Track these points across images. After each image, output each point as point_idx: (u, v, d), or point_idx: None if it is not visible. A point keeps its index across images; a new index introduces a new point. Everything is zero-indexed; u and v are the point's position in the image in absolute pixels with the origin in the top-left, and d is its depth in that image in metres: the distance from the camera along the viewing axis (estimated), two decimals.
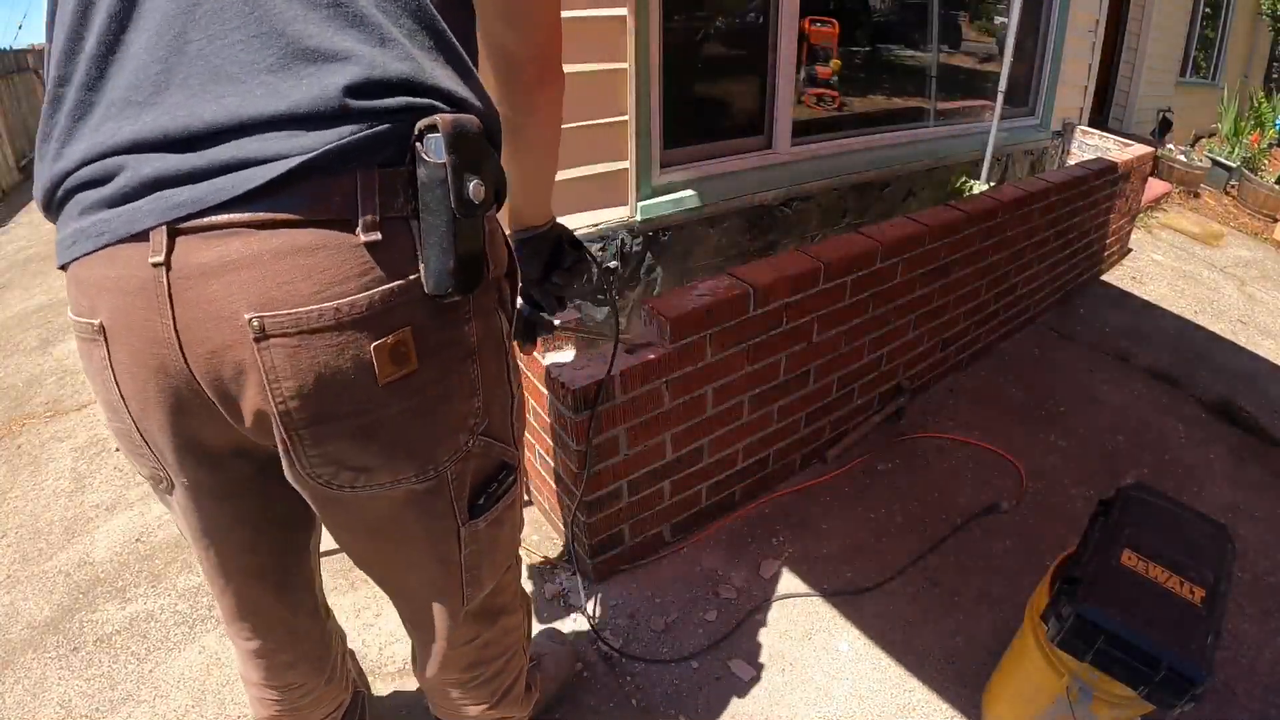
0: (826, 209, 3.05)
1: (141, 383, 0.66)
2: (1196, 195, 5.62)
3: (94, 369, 0.69)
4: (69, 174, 0.63)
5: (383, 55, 0.61)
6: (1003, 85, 3.69)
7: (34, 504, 2.11)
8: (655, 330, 1.58)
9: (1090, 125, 4.70)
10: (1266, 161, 6.51)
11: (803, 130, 2.94)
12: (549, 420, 1.59)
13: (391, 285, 0.63)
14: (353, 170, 0.61)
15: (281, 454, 0.68)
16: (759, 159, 2.71)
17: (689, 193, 2.26)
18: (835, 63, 3.27)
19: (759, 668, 1.54)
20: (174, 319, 0.61)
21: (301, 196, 0.60)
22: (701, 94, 2.63)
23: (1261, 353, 3.21)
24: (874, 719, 1.45)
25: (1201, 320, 3.45)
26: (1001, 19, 4.20)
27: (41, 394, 2.73)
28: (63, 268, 0.66)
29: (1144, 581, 1.13)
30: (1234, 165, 6.01)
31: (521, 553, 1.83)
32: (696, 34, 2.55)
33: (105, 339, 0.65)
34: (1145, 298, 3.56)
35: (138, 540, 1.92)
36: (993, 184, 3.80)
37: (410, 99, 0.63)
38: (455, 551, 0.83)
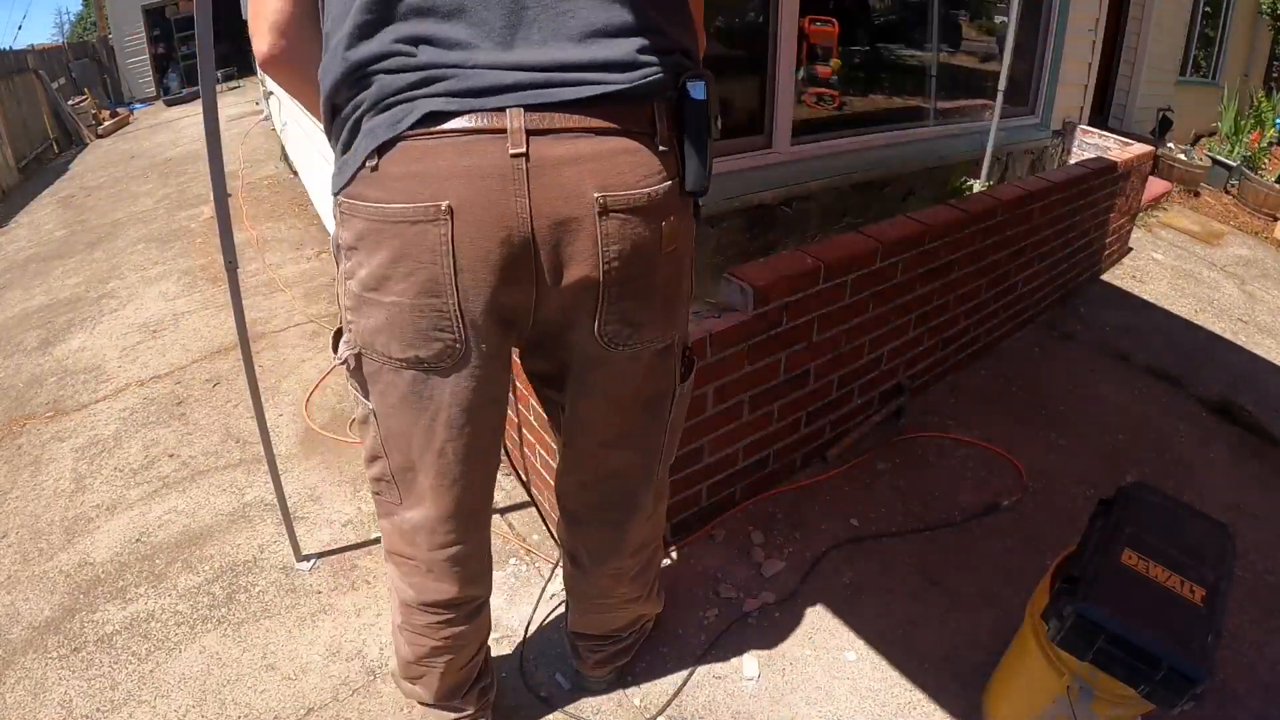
0: (826, 208, 3.05)
1: (484, 252, 0.81)
2: (1196, 194, 5.60)
3: (425, 248, 0.81)
4: None
5: (661, 26, 0.85)
6: (1003, 84, 3.68)
7: (34, 504, 2.11)
8: None
9: (1090, 124, 4.69)
10: (1267, 160, 6.48)
11: (803, 130, 2.93)
12: (549, 420, 1.59)
13: (672, 181, 0.88)
14: (650, 100, 0.85)
15: (586, 316, 0.89)
16: (759, 158, 2.71)
17: None
18: (835, 62, 3.27)
19: (760, 667, 1.54)
20: (529, 197, 0.80)
21: (622, 114, 0.82)
22: None
23: (1262, 352, 3.21)
24: (875, 719, 1.45)
25: (1202, 319, 3.44)
26: (1001, 18, 4.19)
27: (42, 394, 2.73)
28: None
29: (1145, 581, 1.13)
30: (1234, 164, 5.99)
31: (521, 552, 1.83)
32: None
33: (451, 218, 0.80)
34: (1145, 297, 3.55)
35: (138, 540, 1.93)
36: (993, 183, 3.80)
37: (679, 57, 0.87)
38: (667, 411, 1.07)
